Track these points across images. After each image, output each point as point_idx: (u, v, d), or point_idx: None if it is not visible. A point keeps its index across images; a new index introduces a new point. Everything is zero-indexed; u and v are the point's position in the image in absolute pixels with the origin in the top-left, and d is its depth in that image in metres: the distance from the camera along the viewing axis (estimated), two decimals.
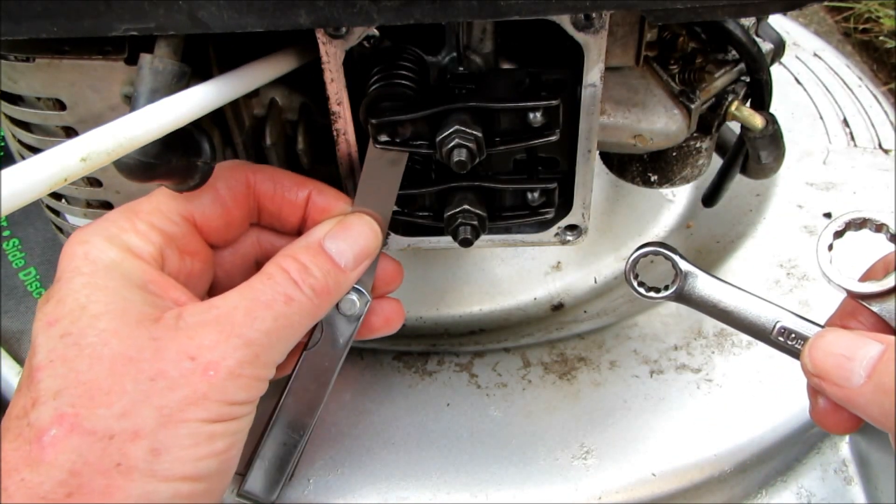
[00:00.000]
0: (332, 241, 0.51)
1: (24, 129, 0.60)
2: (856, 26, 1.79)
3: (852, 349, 0.37)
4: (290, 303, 0.46)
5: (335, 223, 0.53)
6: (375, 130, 0.58)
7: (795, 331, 0.41)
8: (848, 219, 0.39)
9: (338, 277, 0.50)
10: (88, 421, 0.37)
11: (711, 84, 0.70)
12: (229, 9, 0.46)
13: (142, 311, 0.42)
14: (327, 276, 0.49)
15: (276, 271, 0.48)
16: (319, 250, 0.50)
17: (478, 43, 0.62)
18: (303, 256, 0.49)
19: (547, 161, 0.64)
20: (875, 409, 0.35)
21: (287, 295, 0.47)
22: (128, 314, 0.41)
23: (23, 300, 0.92)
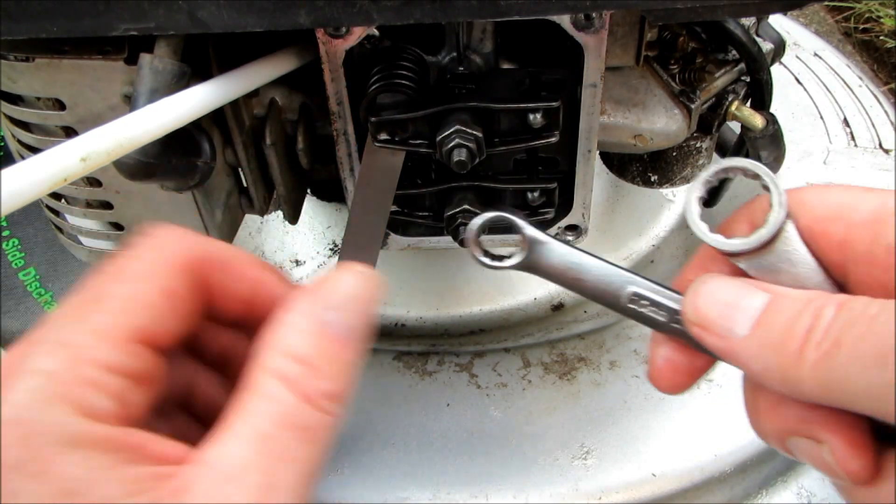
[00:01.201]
0: (324, 313, 0.35)
1: (23, 129, 0.60)
2: (856, 26, 1.79)
3: (738, 297, 0.34)
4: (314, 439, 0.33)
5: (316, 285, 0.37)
6: (375, 129, 0.58)
7: (649, 297, 0.39)
8: (718, 168, 0.37)
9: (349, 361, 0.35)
10: None
11: (712, 84, 0.70)
12: (229, 9, 0.46)
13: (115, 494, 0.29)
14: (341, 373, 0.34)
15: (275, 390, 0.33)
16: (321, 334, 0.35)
17: (478, 43, 0.62)
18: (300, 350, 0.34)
19: (547, 161, 0.64)
20: (758, 363, 0.33)
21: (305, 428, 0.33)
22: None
23: (23, 300, 0.92)
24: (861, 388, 0.29)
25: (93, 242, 0.70)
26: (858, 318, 0.30)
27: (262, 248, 1.06)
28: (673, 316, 0.38)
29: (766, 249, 0.35)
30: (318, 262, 1.05)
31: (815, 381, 0.31)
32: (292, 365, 0.33)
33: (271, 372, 0.33)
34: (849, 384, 0.29)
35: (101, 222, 0.68)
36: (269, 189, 0.71)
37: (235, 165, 0.68)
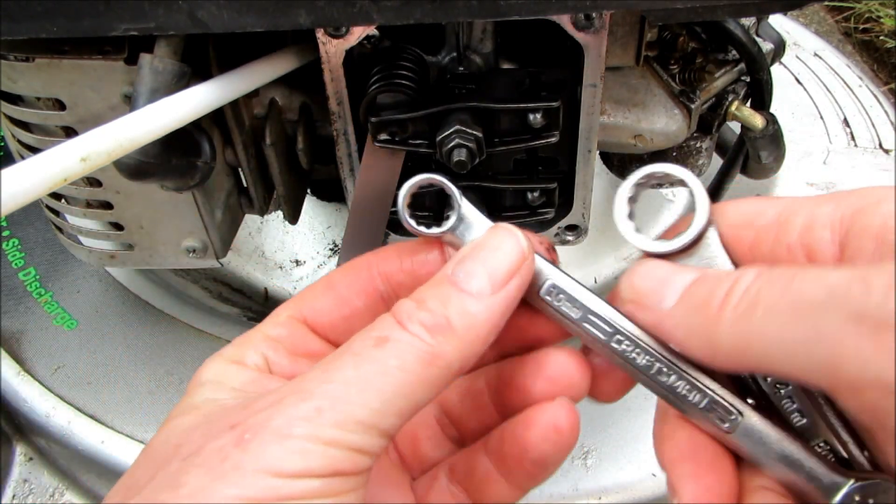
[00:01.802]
0: (459, 265, 0.37)
1: (23, 129, 0.60)
2: (856, 26, 1.79)
3: (669, 274, 0.36)
4: (383, 345, 0.34)
5: (464, 248, 0.39)
6: (375, 129, 0.58)
7: (567, 292, 0.38)
8: (646, 172, 0.38)
9: (466, 306, 0.35)
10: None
11: (712, 84, 0.70)
12: (229, 9, 0.46)
13: (220, 404, 0.35)
14: (447, 306, 0.35)
15: (381, 317, 0.36)
16: (442, 279, 0.37)
17: (478, 43, 0.62)
18: (420, 292, 0.37)
19: (547, 161, 0.64)
20: (681, 331, 0.34)
21: (381, 337, 0.34)
22: (202, 408, 0.35)
23: (22, 300, 0.92)
24: (777, 345, 0.30)
25: (93, 242, 0.70)
26: (777, 279, 0.31)
27: (262, 248, 1.06)
28: (585, 314, 0.38)
29: (688, 253, 0.37)
30: (318, 262, 1.05)
31: (733, 342, 0.32)
32: (406, 301, 0.37)
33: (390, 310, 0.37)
34: (765, 342, 0.30)
35: (101, 222, 0.68)
36: (269, 189, 0.71)
37: (235, 165, 0.68)
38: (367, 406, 0.32)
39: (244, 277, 1.04)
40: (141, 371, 0.85)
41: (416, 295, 0.37)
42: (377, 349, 0.34)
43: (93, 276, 0.94)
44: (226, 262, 0.98)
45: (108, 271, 0.95)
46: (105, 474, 0.81)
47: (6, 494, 0.85)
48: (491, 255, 0.37)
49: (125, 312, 0.91)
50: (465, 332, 0.35)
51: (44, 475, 0.87)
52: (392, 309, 0.36)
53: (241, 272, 1.04)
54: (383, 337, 0.34)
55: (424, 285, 0.37)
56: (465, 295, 0.36)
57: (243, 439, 0.31)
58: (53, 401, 0.82)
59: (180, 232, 0.67)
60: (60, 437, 0.81)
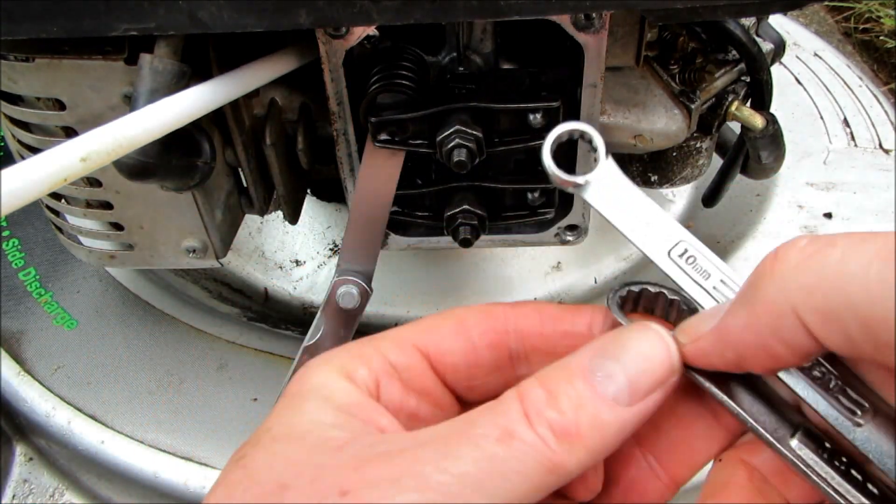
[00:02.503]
0: (599, 360, 0.34)
1: (23, 129, 0.60)
2: (856, 26, 1.79)
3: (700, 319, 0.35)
4: (508, 442, 0.31)
5: (605, 337, 0.36)
6: (375, 129, 0.58)
7: (696, 256, 0.38)
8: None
9: (600, 413, 0.33)
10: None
11: (712, 84, 0.70)
12: (229, 9, 0.46)
13: (326, 435, 0.34)
14: (579, 411, 0.32)
15: (508, 397, 0.34)
16: (578, 372, 0.34)
17: (478, 43, 0.62)
18: (552, 380, 0.34)
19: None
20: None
21: (507, 431, 0.32)
22: (307, 437, 0.34)
23: (23, 300, 0.92)
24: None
25: (93, 242, 0.70)
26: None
27: (262, 248, 1.06)
28: (716, 280, 0.37)
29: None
30: (318, 262, 1.05)
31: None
32: (535, 387, 0.34)
33: (516, 388, 0.34)
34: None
35: (101, 222, 0.68)
36: (269, 189, 0.71)
37: (235, 165, 0.68)
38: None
39: (244, 277, 1.04)
40: (141, 371, 0.85)
41: (547, 383, 0.34)
42: (500, 446, 0.31)
43: (93, 276, 0.94)
44: (226, 262, 0.98)
45: (108, 271, 0.95)
46: (105, 474, 0.81)
47: (6, 494, 0.85)
48: (635, 360, 0.34)
49: (125, 312, 0.91)
50: (592, 442, 0.32)
51: (44, 475, 0.87)
52: (519, 390, 0.34)
53: (241, 272, 1.04)
54: (509, 432, 0.32)
55: (556, 370, 0.34)
56: (599, 400, 0.33)
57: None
58: (53, 401, 0.82)
59: (180, 232, 0.67)
60: (60, 437, 0.81)
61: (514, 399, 0.33)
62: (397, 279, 0.95)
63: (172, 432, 0.80)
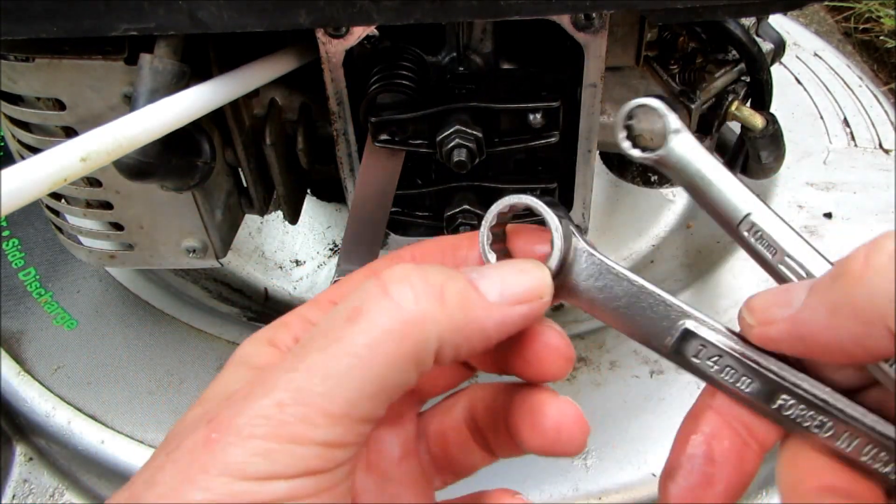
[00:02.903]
0: (476, 270, 0.34)
1: (24, 129, 0.60)
2: (856, 26, 1.79)
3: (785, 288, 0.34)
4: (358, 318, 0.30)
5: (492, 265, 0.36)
6: (375, 129, 0.58)
7: (764, 230, 0.37)
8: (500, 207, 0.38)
9: (467, 293, 0.32)
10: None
11: (711, 84, 0.70)
12: (229, 9, 0.46)
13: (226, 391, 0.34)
14: (447, 281, 0.32)
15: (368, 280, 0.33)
16: (451, 269, 0.34)
17: (478, 43, 0.62)
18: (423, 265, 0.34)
19: (547, 161, 0.64)
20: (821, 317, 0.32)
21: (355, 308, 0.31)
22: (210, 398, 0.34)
23: (23, 300, 0.92)
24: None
25: (93, 242, 0.70)
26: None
27: (262, 248, 1.06)
28: (782, 257, 0.37)
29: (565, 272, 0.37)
30: (318, 262, 1.05)
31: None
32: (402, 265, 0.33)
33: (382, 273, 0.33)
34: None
35: (101, 222, 0.68)
36: (269, 189, 0.71)
37: (235, 165, 0.68)
38: (332, 396, 0.29)
39: (244, 277, 1.04)
40: (141, 371, 0.85)
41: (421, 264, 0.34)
42: (348, 324, 0.30)
43: (93, 276, 0.94)
44: (226, 262, 0.98)
45: (108, 271, 0.95)
46: (105, 474, 0.81)
47: (6, 494, 0.85)
48: (512, 271, 0.35)
49: (125, 312, 0.91)
50: (456, 310, 0.31)
51: (44, 475, 0.87)
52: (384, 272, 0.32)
53: (241, 272, 1.04)
54: (356, 308, 0.30)
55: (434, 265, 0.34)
56: (470, 287, 0.33)
57: (210, 438, 0.29)
58: (53, 401, 0.82)
59: (180, 232, 0.67)
60: (60, 437, 0.81)
61: (375, 278, 0.32)
62: None
63: None
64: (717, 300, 0.87)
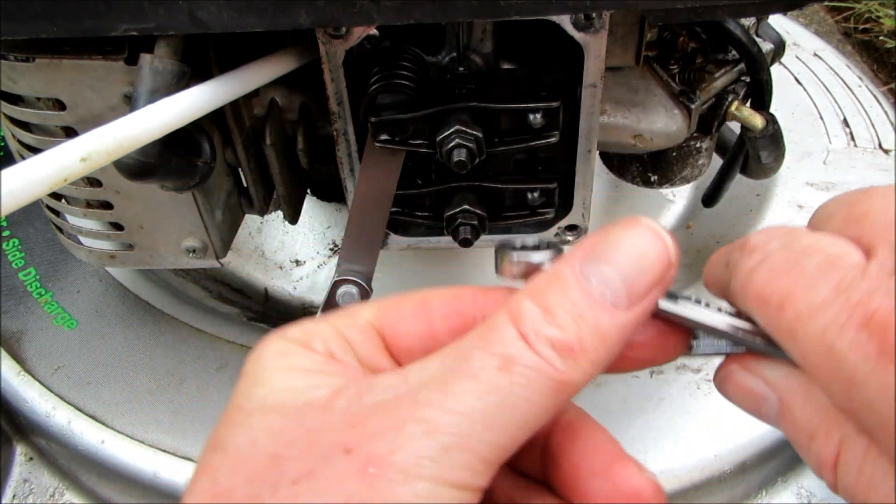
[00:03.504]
0: (592, 265, 0.31)
1: (24, 129, 0.60)
2: (856, 26, 1.79)
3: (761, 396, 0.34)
4: (510, 370, 0.29)
5: (591, 239, 0.32)
6: (375, 129, 0.58)
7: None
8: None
9: (601, 325, 0.30)
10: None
11: (711, 84, 0.70)
12: (229, 9, 0.46)
13: (306, 398, 0.31)
14: (580, 323, 0.30)
15: (499, 321, 0.31)
16: (572, 281, 0.31)
17: (478, 43, 0.62)
18: (544, 294, 0.31)
19: (547, 161, 0.64)
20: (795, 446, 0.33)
21: (506, 357, 0.29)
22: (287, 404, 0.31)
23: (23, 300, 0.92)
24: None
25: (93, 242, 0.70)
26: None
27: (262, 248, 1.06)
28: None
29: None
30: (318, 262, 1.05)
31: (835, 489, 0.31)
32: (529, 305, 0.31)
33: (506, 308, 0.31)
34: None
35: (101, 222, 0.68)
36: (269, 189, 0.71)
37: (235, 165, 0.68)
38: (494, 444, 0.29)
39: (244, 277, 1.04)
40: (141, 371, 0.85)
41: (540, 298, 0.31)
42: (503, 376, 0.29)
43: (93, 276, 0.94)
44: (226, 262, 0.98)
45: (108, 271, 0.95)
46: (105, 474, 0.81)
47: (6, 494, 0.85)
48: (630, 260, 0.31)
49: (125, 312, 0.91)
50: (596, 354, 0.30)
51: (44, 475, 0.87)
52: (511, 311, 0.30)
53: (241, 272, 1.04)
54: (509, 358, 0.29)
55: (547, 282, 0.31)
56: (598, 309, 0.30)
57: (367, 473, 0.28)
58: (53, 401, 0.82)
59: (180, 232, 0.67)
60: (60, 437, 0.81)
61: (507, 322, 0.30)
62: (397, 279, 0.95)
63: (172, 432, 0.80)
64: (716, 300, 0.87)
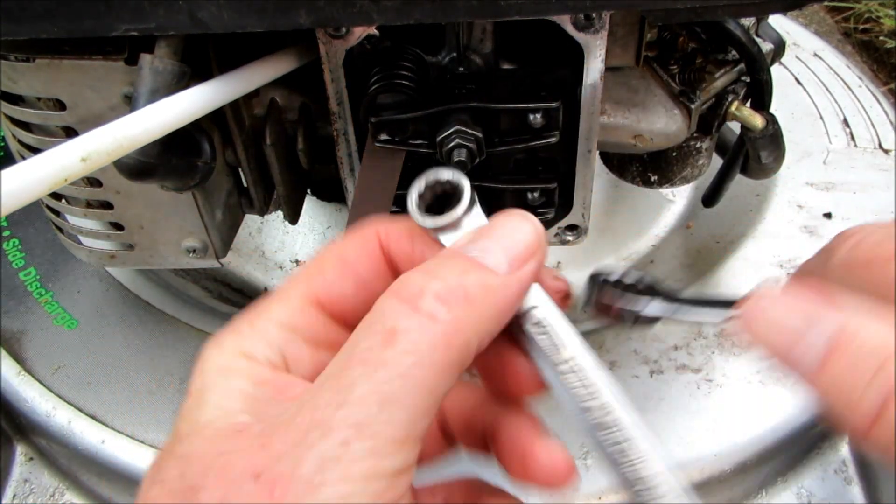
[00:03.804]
0: (472, 244, 0.34)
1: (24, 129, 0.60)
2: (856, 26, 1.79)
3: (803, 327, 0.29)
4: (394, 341, 0.29)
5: (476, 229, 0.36)
6: (375, 129, 0.58)
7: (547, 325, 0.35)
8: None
9: (484, 279, 0.32)
10: None
11: (711, 84, 0.70)
12: (229, 9, 0.46)
13: (230, 423, 0.31)
14: (464, 277, 0.31)
15: (382, 300, 0.31)
16: (455, 252, 0.33)
17: (478, 43, 0.62)
18: (429, 266, 0.33)
19: (547, 161, 0.64)
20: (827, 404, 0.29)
21: (389, 330, 0.29)
22: (210, 428, 0.31)
23: (23, 300, 0.92)
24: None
25: (93, 242, 0.70)
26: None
27: (262, 248, 1.06)
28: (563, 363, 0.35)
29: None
30: None
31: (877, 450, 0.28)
32: (414, 275, 0.32)
33: (389, 289, 0.32)
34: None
35: (101, 222, 0.68)
36: (269, 189, 0.71)
37: (235, 165, 0.68)
38: (394, 422, 0.28)
39: (244, 277, 1.04)
40: (141, 371, 0.85)
41: (425, 267, 0.32)
42: (387, 349, 0.29)
43: (93, 276, 0.94)
44: (226, 262, 0.98)
45: (108, 271, 0.95)
46: (105, 474, 0.81)
47: (7, 494, 0.85)
48: (507, 234, 0.34)
49: (125, 312, 0.91)
50: (484, 305, 0.31)
51: (44, 475, 0.87)
52: (394, 287, 0.31)
53: (241, 272, 1.04)
54: (390, 329, 0.29)
55: (431, 260, 0.33)
56: (480, 268, 0.32)
57: (274, 496, 0.27)
58: (54, 401, 0.83)
59: (180, 232, 0.67)
60: (61, 437, 0.81)
61: (388, 297, 0.31)
62: None
63: None
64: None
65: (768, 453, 0.76)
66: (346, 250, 0.37)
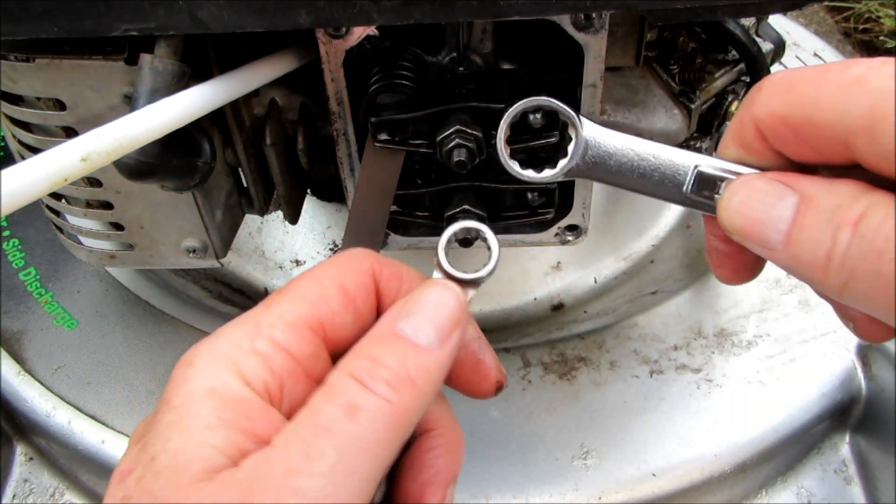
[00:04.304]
0: (405, 320, 0.37)
1: (24, 129, 0.60)
2: (856, 26, 1.79)
3: (765, 211, 0.35)
4: (358, 415, 0.33)
5: (404, 300, 0.39)
6: (375, 129, 0.58)
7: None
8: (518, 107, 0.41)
9: (420, 359, 0.36)
10: None
11: (711, 84, 0.70)
12: (229, 9, 0.46)
13: (206, 465, 0.33)
14: (405, 362, 0.36)
15: (337, 377, 0.35)
16: (390, 335, 0.37)
17: (478, 43, 0.62)
18: (370, 350, 0.36)
19: (547, 161, 0.64)
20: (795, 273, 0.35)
21: (351, 405, 0.33)
22: (188, 469, 0.33)
23: (23, 300, 0.92)
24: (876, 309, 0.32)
25: (93, 242, 0.70)
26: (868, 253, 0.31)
27: (262, 248, 1.06)
28: None
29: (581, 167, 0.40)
30: (318, 261, 1.04)
31: (840, 297, 0.33)
32: (359, 360, 0.36)
33: (337, 370, 0.35)
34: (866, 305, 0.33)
35: (101, 222, 0.68)
36: (269, 189, 0.71)
37: (235, 165, 0.68)
38: (358, 489, 0.32)
39: (244, 277, 1.04)
40: (141, 371, 0.85)
41: (366, 352, 0.36)
42: (351, 422, 0.33)
43: (93, 276, 0.94)
44: (226, 262, 0.98)
45: (108, 271, 0.95)
46: (105, 474, 0.81)
47: (7, 494, 0.85)
48: (433, 309, 0.38)
49: (125, 312, 0.91)
50: (425, 384, 0.36)
51: (44, 475, 0.87)
52: (343, 367, 0.35)
53: (241, 272, 1.04)
54: (353, 406, 0.33)
55: (369, 341, 0.37)
56: (417, 350, 0.36)
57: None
58: (54, 401, 0.83)
59: (180, 232, 0.67)
60: (61, 437, 0.81)
61: (344, 375, 0.35)
62: None
63: None
64: (716, 300, 0.87)
65: (768, 453, 0.76)
66: (346, 281, 0.39)
